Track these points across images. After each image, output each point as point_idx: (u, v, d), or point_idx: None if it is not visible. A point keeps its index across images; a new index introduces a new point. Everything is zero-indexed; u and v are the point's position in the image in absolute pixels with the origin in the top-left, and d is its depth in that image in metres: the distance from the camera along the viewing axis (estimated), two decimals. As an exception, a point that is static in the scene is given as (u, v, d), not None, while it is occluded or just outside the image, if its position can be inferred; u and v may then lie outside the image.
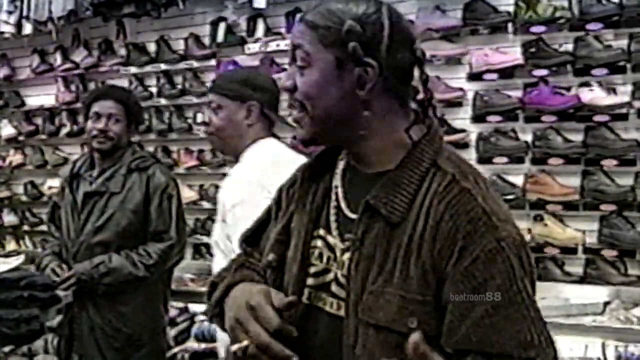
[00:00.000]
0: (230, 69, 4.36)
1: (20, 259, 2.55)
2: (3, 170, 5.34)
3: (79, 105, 4.77)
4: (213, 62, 4.47)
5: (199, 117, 4.58)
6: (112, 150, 2.90)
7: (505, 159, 3.74)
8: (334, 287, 1.24)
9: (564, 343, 2.46)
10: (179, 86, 4.62)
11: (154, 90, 4.72)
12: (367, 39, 1.19)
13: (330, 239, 1.27)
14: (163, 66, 4.62)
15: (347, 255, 1.22)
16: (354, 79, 1.19)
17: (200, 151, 4.59)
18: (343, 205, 1.27)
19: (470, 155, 3.86)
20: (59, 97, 5.01)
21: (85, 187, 2.91)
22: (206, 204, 4.52)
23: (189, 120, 4.62)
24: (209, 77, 4.55)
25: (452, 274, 1.12)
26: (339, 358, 1.20)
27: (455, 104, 3.88)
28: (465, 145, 3.86)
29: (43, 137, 5.14)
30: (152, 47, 4.72)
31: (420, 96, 1.26)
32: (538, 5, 3.64)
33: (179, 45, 4.63)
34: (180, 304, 3.73)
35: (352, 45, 1.18)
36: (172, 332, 3.59)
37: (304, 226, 1.29)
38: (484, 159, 3.78)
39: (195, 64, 4.52)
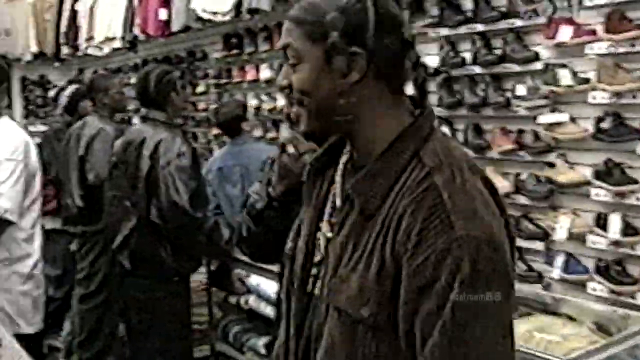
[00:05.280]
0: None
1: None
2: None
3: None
4: (542, 19, 3.64)
5: (520, 90, 3.77)
6: None
7: None
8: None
9: None
10: (498, 51, 3.90)
11: (467, 55, 4.07)
12: (352, 27, 1.24)
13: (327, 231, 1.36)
14: (480, 27, 3.96)
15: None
16: (343, 69, 1.25)
17: (520, 132, 3.80)
18: (337, 198, 1.35)
19: None
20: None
21: None
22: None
23: (507, 94, 3.86)
24: (535, 40, 3.75)
25: (406, 268, 1.17)
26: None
27: None
28: None
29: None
30: (468, 5, 4.07)
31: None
32: None
33: (500, 1, 3.92)
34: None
35: (333, 36, 1.24)
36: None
37: (309, 220, 1.39)
38: None
39: (518, 22, 3.76)
